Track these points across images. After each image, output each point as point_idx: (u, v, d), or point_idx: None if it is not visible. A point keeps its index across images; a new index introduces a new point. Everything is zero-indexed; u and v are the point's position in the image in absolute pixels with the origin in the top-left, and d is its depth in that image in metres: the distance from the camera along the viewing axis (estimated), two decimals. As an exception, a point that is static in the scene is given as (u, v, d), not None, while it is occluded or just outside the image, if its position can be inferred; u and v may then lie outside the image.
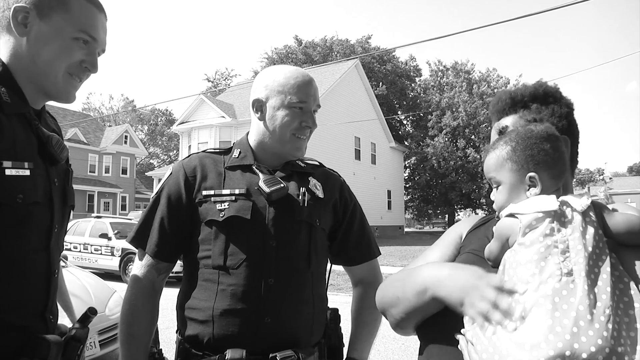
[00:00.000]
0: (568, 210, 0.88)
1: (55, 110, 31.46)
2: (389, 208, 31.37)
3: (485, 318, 0.84)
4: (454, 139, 34.96)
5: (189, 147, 24.28)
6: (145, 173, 42.58)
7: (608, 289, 0.81)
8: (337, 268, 1.60)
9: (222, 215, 1.33)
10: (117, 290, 4.92)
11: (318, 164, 1.58)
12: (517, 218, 0.91)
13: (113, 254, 11.53)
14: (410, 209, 44.01)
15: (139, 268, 1.39)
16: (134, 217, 17.67)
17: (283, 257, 1.33)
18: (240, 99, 24.93)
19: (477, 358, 0.83)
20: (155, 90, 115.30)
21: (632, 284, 0.84)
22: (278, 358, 1.26)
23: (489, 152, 1.03)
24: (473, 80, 35.82)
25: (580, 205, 0.88)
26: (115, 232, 11.81)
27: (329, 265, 1.56)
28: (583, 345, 0.75)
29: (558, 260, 0.83)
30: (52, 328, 1.17)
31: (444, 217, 44.67)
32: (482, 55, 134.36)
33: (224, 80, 52.79)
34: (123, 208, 35.08)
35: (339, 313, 1.53)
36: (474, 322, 0.87)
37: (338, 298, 7.67)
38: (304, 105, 1.42)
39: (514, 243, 0.90)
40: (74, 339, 1.20)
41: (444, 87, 36.63)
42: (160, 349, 1.44)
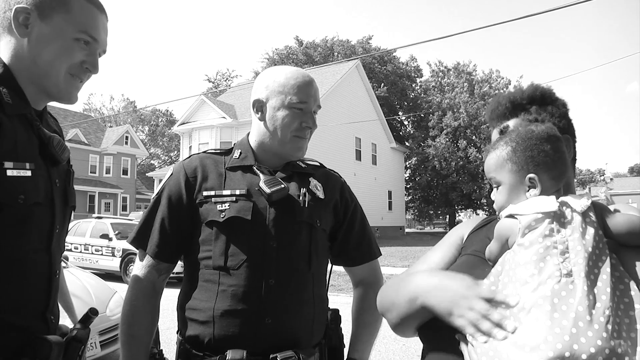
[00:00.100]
0: (568, 211, 0.88)
1: (57, 111, 31.52)
2: (390, 209, 31.34)
3: (475, 327, 0.84)
4: (455, 140, 34.85)
5: (190, 147, 24.25)
6: (146, 174, 42.55)
7: (608, 290, 0.80)
8: (337, 269, 1.60)
9: (222, 216, 1.33)
10: (117, 291, 4.91)
11: (319, 165, 1.58)
12: (516, 219, 0.91)
13: (114, 255, 11.54)
14: (411, 210, 43.96)
15: (140, 269, 1.39)
16: (135, 217, 17.69)
17: (284, 257, 1.33)
18: (241, 100, 24.91)
19: None
20: (156, 91, 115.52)
21: (632, 285, 0.84)
22: (279, 359, 1.26)
23: (490, 152, 1.02)
24: (475, 81, 35.76)
25: (580, 206, 0.88)
26: (116, 232, 11.83)
27: (330, 266, 1.55)
28: (582, 347, 0.75)
29: (557, 261, 0.83)
30: (53, 328, 1.18)
31: (445, 217, 44.63)
32: (482, 56, 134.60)
33: (225, 81, 52.73)
34: (124, 209, 35.07)
35: (340, 314, 1.52)
36: (464, 331, 0.86)
37: (339, 299, 7.66)
38: (305, 106, 1.42)
39: (514, 244, 0.90)
40: (75, 340, 1.20)
41: (445, 87, 36.57)
42: (161, 350, 1.44)
